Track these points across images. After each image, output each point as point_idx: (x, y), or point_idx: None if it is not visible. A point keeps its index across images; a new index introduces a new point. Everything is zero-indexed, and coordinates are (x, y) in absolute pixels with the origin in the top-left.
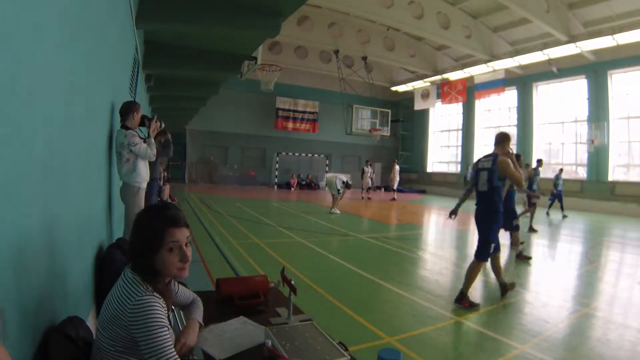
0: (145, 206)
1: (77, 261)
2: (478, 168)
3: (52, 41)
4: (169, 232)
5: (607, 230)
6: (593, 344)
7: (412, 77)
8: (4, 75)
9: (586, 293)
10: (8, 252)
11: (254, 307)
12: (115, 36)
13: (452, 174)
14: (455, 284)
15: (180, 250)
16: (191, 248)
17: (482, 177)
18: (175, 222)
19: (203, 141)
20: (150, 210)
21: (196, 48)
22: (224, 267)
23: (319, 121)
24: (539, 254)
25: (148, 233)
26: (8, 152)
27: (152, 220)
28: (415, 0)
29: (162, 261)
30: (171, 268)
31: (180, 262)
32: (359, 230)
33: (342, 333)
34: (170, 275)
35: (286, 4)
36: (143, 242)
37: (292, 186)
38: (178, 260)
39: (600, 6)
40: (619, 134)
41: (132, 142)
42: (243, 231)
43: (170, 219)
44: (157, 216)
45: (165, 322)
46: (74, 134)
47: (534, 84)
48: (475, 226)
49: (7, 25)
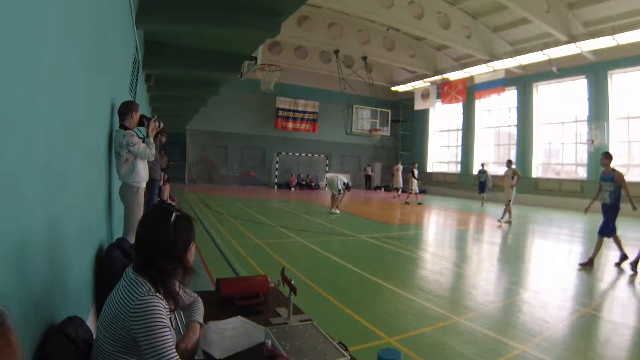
0: (152, 208)
1: (77, 261)
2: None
3: (52, 41)
4: (194, 230)
5: None
6: (593, 344)
7: (412, 77)
8: (4, 75)
9: (586, 293)
10: (8, 252)
11: (254, 307)
12: (115, 36)
13: (452, 174)
14: (455, 284)
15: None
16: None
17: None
18: (192, 219)
19: (203, 141)
20: (170, 215)
21: (196, 48)
22: (224, 267)
23: (319, 121)
24: (539, 254)
25: (182, 236)
26: (8, 152)
27: (179, 224)
28: (415, 0)
29: (190, 255)
30: (191, 259)
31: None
32: (359, 230)
33: (342, 333)
34: (189, 266)
35: (286, 4)
36: (176, 245)
37: (291, 186)
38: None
39: (600, 6)
40: (619, 134)
41: (131, 142)
42: (243, 231)
43: (189, 218)
44: (180, 218)
45: (167, 322)
46: (74, 134)
47: (534, 84)
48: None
49: (7, 25)
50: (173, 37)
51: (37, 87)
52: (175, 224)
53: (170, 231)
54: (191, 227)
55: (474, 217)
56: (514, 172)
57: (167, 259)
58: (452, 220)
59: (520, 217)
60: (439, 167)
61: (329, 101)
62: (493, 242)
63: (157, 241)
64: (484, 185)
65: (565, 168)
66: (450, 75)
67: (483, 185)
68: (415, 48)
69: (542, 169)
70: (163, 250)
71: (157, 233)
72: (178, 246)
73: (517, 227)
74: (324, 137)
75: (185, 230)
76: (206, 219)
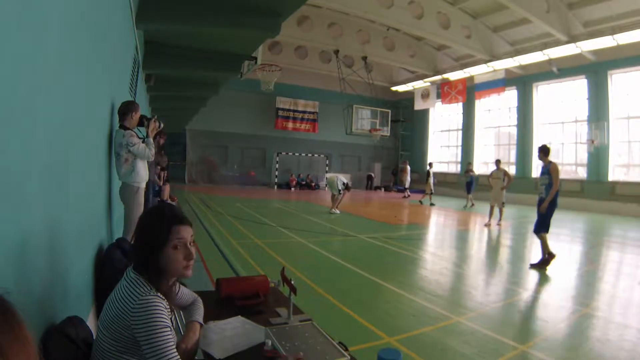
0: (149, 207)
1: (77, 261)
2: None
3: (52, 41)
4: (174, 229)
5: (607, 230)
6: (593, 344)
7: (412, 77)
8: (4, 75)
9: (586, 293)
10: (8, 252)
11: (254, 307)
12: (115, 36)
13: (452, 174)
14: (456, 284)
15: (184, 247)
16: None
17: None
18: (180, 220)
19: (203, 141)
20: (155, 209)
21: (196, 48)
22: (224, 267)
23: (319, 121)
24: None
25: (154, 230)
26: (8, 152)
27: (158, 218)
28: (415, 0)
29: (168, 258)
30: (176, 265)
31: (184, 259)
32: (359, 230)
33: (342, 333)
34: (175, 273)
35: (286, 4)
36: (149, 240)
37: (291, 186)
38: (183, 258)
39: (600, 6)
40: (619, 134)
41: (130, 142)
42: (243, 231)
43: (175, 216)
44: (162, 214)
45: (168, 322)
46: (74, 134)
47: (534, 84)
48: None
49: (7, 25)
50: (173, 37)
51: (37, 87)
52: (150, 222)
53: (149, 228)
54: (169, 227)
55: (474, 217)
56: (505, 173)
57: (149, 257)
58: (452, 220)
59: (520, 217)
60: (439, 167)
61: (329, 101)
62: (493, 242)
63: (140, 240)
64: (470, 186)
65: (565, 168)
66: (450, 75)
67: (469, 186)
68: (415, 48)
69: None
70: (145, 250)
71: (140, 231)
72: (151, 245)
73: (517, 227)
74: (324, 137)
75: (158, 228)
76: (206, 219)
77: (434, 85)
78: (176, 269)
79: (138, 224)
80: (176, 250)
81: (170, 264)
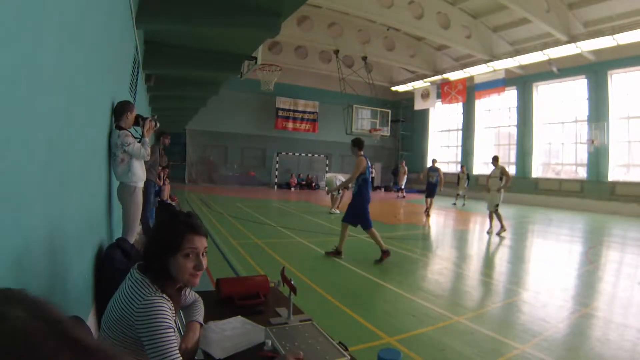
0: (171, 210)
1: (77, 261)
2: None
3: (52, 41)
4: (188, 238)
5: (607, 230)
6: (593, 344)
7: (412, 77)
8: (4, 76)
9: (586, 293)
10: (8, 252)
11: (254, 307)
12: (115, 36)
13: (452, 174)
14: (456, 284)
15: (196, 257)
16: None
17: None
18: (196, 230)
19: (203, 141)
20: (174, 215)
21: (196, 48)
22: (224, 267)
23: (319, 121)
24: (538, 254)
25: (169, 235)
26: (8, 152)
27: (174, 223)
28: (415, 0)
29: (177, 265)
30: (184, 273)
31: (194, 269)
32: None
33: (342, 333)
34: (181, 280)
35: (286, 4)
36: (163, 243)
37: (291, 186)
38: (192, 267)
39: (600, 6)
40: (619, 134)
41: (125, 142)
42: (243, 231)
43: (191, 225)
44: (179, 221)
45: (172, 323)
46: (74, 134)
47: (534, 84)
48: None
49: (7, 26)
50: (173, 37)
51: (37, 87)
52: (166, 227)
53: (164, 233)
54: (183, 234)
55: (474, 217)
56: (502, 171)
57: (159, 261)
58: (452, 220)
59: (520, 217)
60: (439, 167)
61: (329, 101)
62: (493, 242)
63: (153, 242)
64: (433, 188)
65: (565, 168)
66: (450, 75)
67: (433, 188)
68: (415, 48)
69: (542, 169)
70: (156, 253)
71: (155, 234)
72: (163, 249)
73: (517, 227)
74: (324, 137)
75: (173, 234)
76: (206, 219)
77: (434, 85)
78: (183, 277)
79: (155, 225)
80: (187, 259)
81: (179, 271)
